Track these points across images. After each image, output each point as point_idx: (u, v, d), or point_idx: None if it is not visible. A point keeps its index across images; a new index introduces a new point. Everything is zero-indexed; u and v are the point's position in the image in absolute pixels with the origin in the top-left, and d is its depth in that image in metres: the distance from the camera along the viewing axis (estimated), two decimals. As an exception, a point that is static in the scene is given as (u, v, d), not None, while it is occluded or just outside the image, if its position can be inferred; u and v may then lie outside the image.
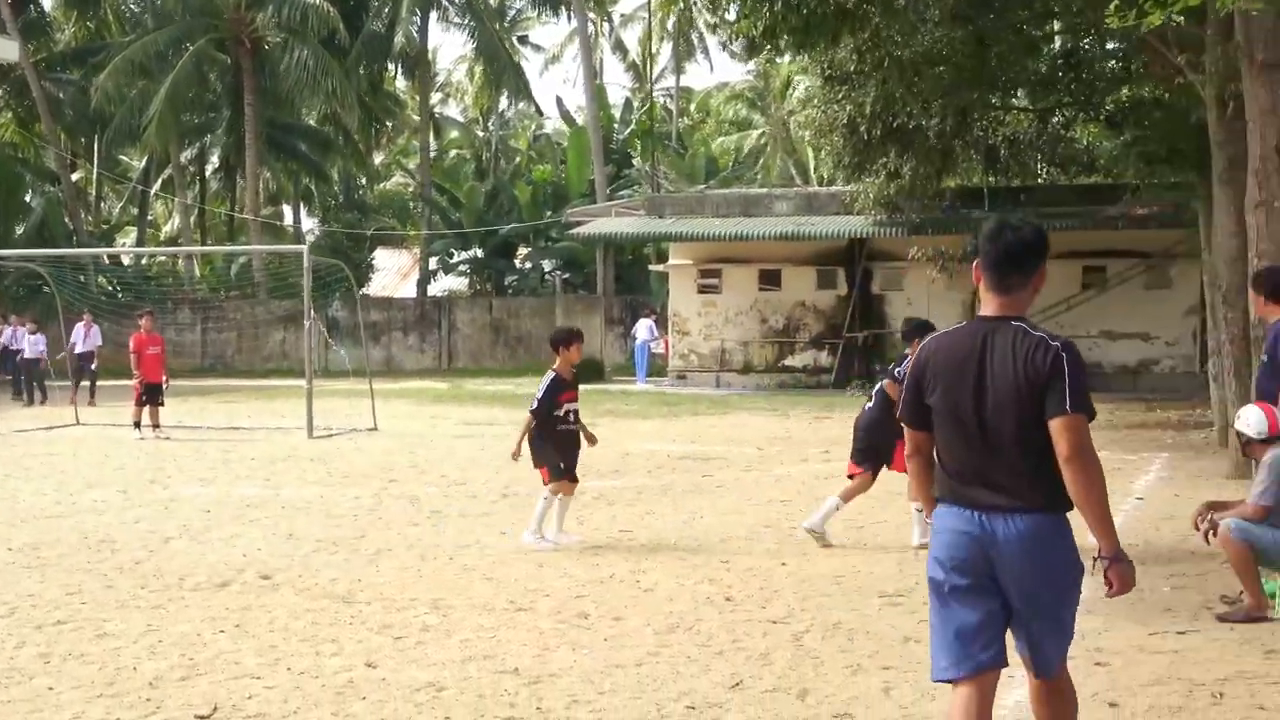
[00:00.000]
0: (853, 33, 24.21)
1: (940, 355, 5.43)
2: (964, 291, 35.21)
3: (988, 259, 5.39)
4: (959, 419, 5.31)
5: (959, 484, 5.33)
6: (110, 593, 10.30)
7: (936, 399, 5.39)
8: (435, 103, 75.00)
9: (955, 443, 5.35)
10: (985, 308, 5.46)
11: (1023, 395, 5.17)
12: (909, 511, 13.82)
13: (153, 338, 24.60)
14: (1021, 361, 5.20)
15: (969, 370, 5.30)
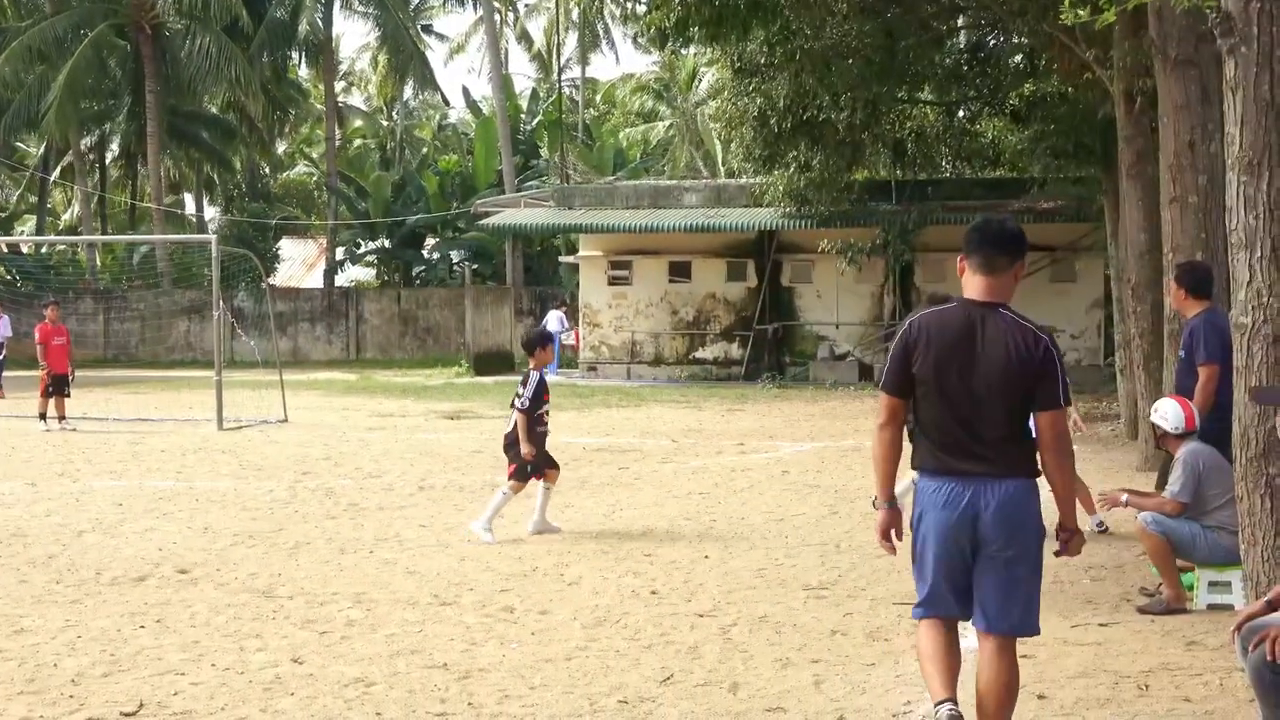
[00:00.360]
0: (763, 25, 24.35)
1: (932, 331, 5.83)
2: (872, 284, 35.51)
3: (974, 244, 5.88)
4: (947, 394, 5.76)
5: (946, 456, 5.80)
6: (25, 587, 10.13)
7: (926, 372, 5.78)
8: (339, 91, 74.35)
9: (944, 417, 5.78)
10: (971, 291, 5.88)
11: (1012, 379, 5.69)
12: (827, 504, 13.94)
13: (58, 329, 24.22)
14: (1014, 348, 5.68)
15: (961, 349, 5.75)
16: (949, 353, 5.76)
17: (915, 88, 30.23)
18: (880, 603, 9.43)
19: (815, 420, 24.42)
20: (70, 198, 70.53)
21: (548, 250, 53.47)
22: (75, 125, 55.43)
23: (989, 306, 5.81)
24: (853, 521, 12.96)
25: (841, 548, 11.61)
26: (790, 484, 15.76)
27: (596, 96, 79.98)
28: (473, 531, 12.20)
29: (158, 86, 52.25)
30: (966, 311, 5.83)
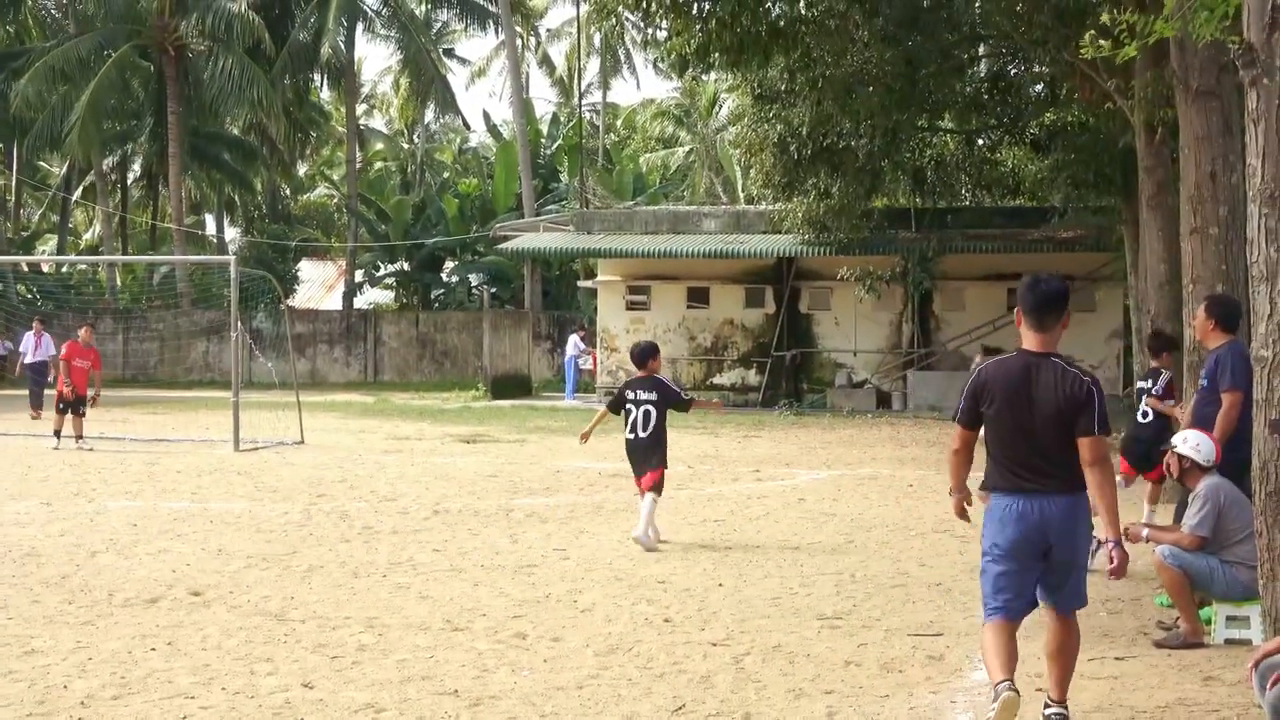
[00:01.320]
0: (784, 52, 24.33)
1: (998, 379, 7.09)
2: (891, 311, 35.46)
3: (1027, 305, 7.09)
4: (1012, 428, 7.03)
5: (1015, 476, 7.02)
6: (37, 608, 10.11)
7: (994, 411, 7.05)
8: (361, 114, 74.58)
9: (1011, 447, 7.05)
10: (1028, 343, 7.09)
11: (1062, 415, 6.92)
12: (843, 533, 13.88)
13: (86, 350, 24.24)
14: (1061, 391, 6.94)
15: (1021, 393, 7.00)
16: (1012, 395, 7.00)
17: (936, 116, 30.21)
18: (895, 634, 9.36)
19: (832, 448, 24.34)
20: (92, 217, 70.83)
21: (566, 275, 53.50)
22: (98, 145, 55.62)
23: (1043, 356, 7.02)
24: (868, 551, 12.89)
25: (857, 577, 11.53)
26: (806, 512, 15.69)
27: (617, 121, 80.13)
28: (640, 541, 12.88)
29: (180, 108, 52.46)
30: (1024, 361, 7.05)
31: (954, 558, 12.48)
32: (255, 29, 49.99)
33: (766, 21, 22.74)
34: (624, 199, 52.96)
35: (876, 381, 35.38)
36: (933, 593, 10.85)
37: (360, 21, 58.31)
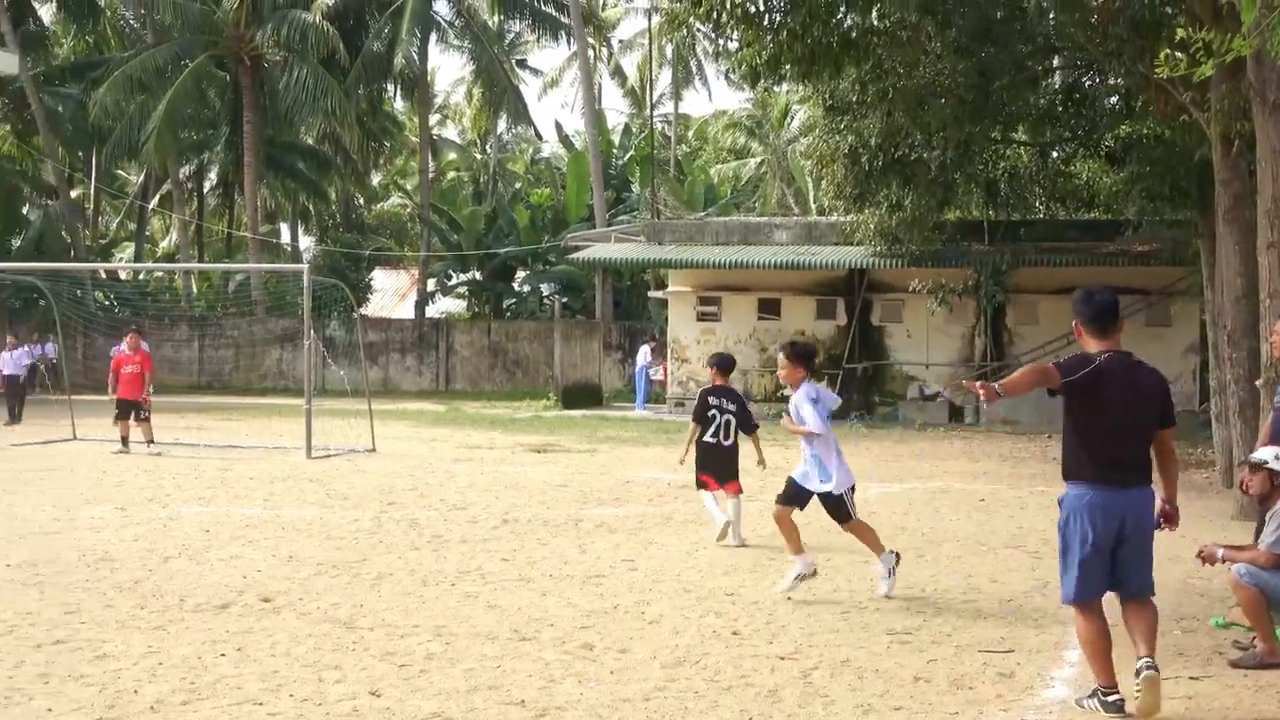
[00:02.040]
0: (856, 63, 24.23)
1: (1113, 371, 7.56)
2: (963, 324, 35.23)
3: (1086, 316, 7.78)
4: (1120, 422, 7.56)
5: (1109, 470, 7.56)
6: (110, 612, 10.21)
7: (1101, 403, 7.52)
8: (434, 124, 75.02)
9: (1116, 439, 7.57)
10: (1095, 348, 7.70)
11: (1150, 408, 7.67)
12: (914, 547, 13.79)
13: (130, 357, 24.47)
14: (1149, 385, 7.70)
15: (1125, 387, 7.60)
16: (1121, 390, 7.56)
17: (1009, 128, 29.97)
18: (965, 649, 9.28)
19: (904, 461, 24.20)
20: (168, 225, 71.57)
21: (637, 285, 53.54)
22: (174, 154, 56.24)
23: (1126, 354, 7.67)
24: (939, 565, 12.80)
25: (927, 592, 11.44)
26: (876, 525, 15.51)
27: (688, 132, 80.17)
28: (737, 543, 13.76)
29: (255, 117, 52.92)
30: (1122, 360, 7.62)
31: (1026, 573, 12.36)
32: (330, 39, 50.33)
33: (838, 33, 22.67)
34: (695, 210, 52.97)
35: (949, 395, 35.15)
36: (1004, 609, 10.75)
37: (433, 32, 58.61)
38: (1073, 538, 7.65)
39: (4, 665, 8.53)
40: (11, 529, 14.44)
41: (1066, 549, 7.71)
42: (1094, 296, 7.82)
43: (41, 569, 11.99)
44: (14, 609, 10.25)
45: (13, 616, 9.98)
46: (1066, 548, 7.70)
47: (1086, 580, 7.62)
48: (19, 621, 9.81)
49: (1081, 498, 7.62)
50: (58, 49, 61.35)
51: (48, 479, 19.57)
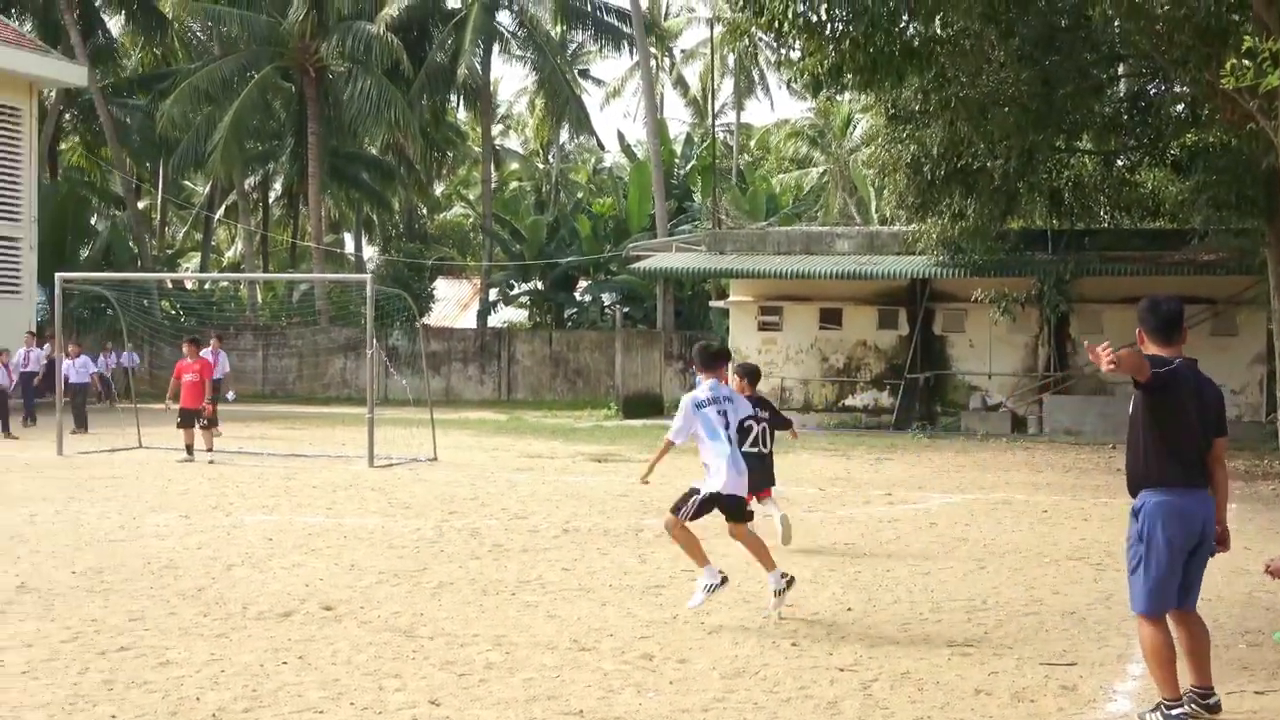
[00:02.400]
0: (918, 72, 24.18)
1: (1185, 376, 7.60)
2: (1026, 334, 35.01)
3: (1151, 325, 7.78)
4: (1191, 425, 7.61)
5: (1191, 473, 7.62)
6: (173, 619, 10.30)
7: (1178, 404, 7.55)
8: (496, 134, 75.32)
9: (1189, 442, 7.62)
10: (1162, 354, 7.67)
11: (1211, 415, 7.72)
12: (976, 559, 13.71)
13: (190, 365, 24.64)
14: (1212, 394, 7.79)
15: (1194, 393, 7.66)
16: (1191, 395, 7.62)
17: (1073, 136, 29.78)
18: (1027, 662, 9.21)
19: (966, 472, 24.07)
20: (234, 235, 72.23)
21: (698, 295, 53.49)
22: (240, 165, 56.75)
23: (1193, 362, 7.73)
24: (1001, 577, 12.71)
25: (988, 603, 11.37)
26: (938, 536, 15.52)
27: (750, 142, 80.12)
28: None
29: (320, 128, 53.30)
30: (1189, 365, 7.67)
31: (1089, 586, 12.27)
32: (394, 50, 50.65)
33: (900, 41, 22.62)
34: (757, 219, 52.91)
35: (1011, 405, 34.94)
36: (1066, 621, 10.66)
37: (496, 43, 58.85)
38: (1154, 545, 7.57)
39: (69, 671, 8.62)
40: (78, 536, 14.60)
41: (1145, 557, 7.61)
42: (1160, 305, 7.85)
43: (107, 576, 12.11)
44: (80, 615, 10.36)
45: (78, 623, 10.09)
46: (1145, 556, 7.61)
47: (1162, 589, 7.56)
48: (84, 628, 9.92)
49: (1165, 504, 7.58)
50: (126, 61, 62.04)
51: (114, 487, 19.77)
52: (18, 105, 42.36)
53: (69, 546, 13.81)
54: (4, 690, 8.14)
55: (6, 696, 8.00)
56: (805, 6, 21.98)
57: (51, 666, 8.76)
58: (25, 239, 42.52)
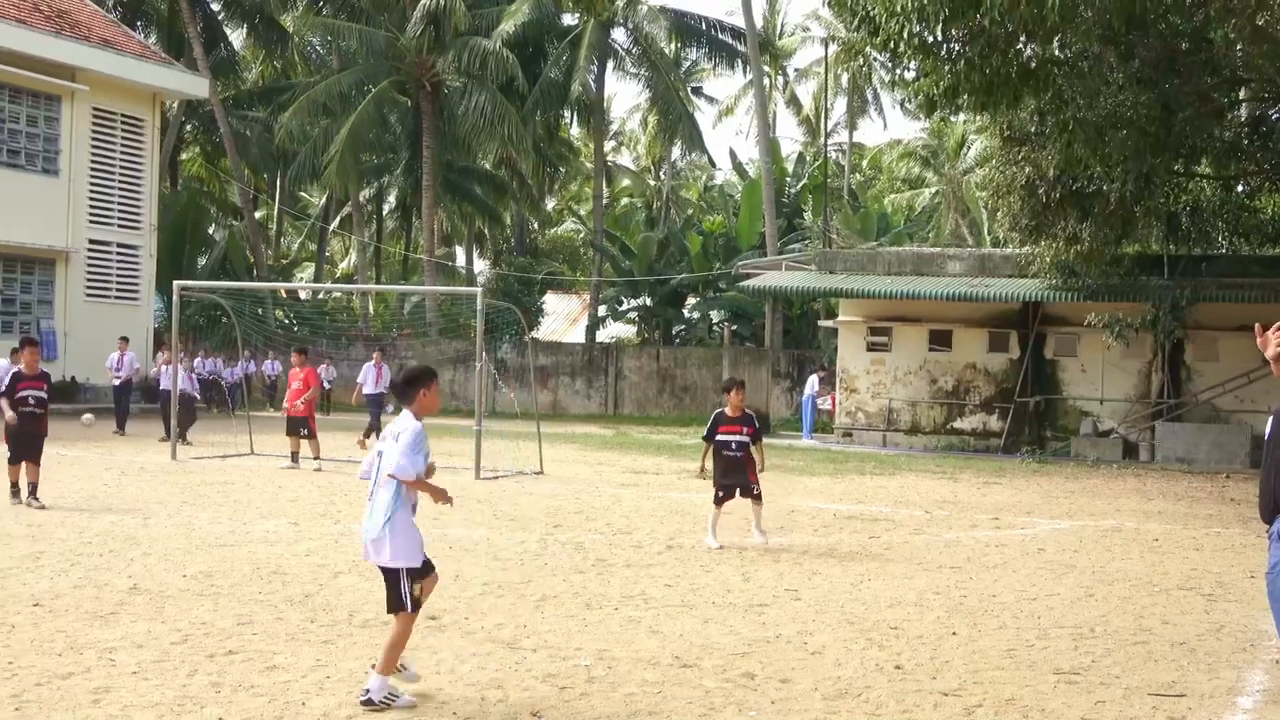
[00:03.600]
0: (1035, 94, 24.01)
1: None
2: (1140, 360, 34.58)
3: None
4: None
5: None
6: (280, 624, 10.42)
7: None
8: (609, 151, 75.64)
9: None
10: None
11: None
12: (1084, 586, 13.53)
13: (298, 374, 25.01)
14: None
15: None
16: None
17: (1192, 160, 29.44)
18: (1135, 692, 9.07)
19: (1075, 498, 23.77)
20: (348, 247, 73.15)
21: (807, 313, 53.40)
22: (355, 177, 57.48)
23: None
24: (1109, 605, 12.53)
25: (1096, 632, 11.21)
26: (1045, 562, 15.34)
27: (863, 161, 79.84)
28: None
29: (434, 142, 53.85)
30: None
31: (1199, 616, 12.07)
32: (509, 66, 51.08)
33: (1017, 63, 22.47)
34: (868, 239, 52.70)
35: (1123, 431, 34.49)
36: (1176, 651, 10.49)
37: (611, 60, 59.17)
38: None
39: (179, 674, 8.74)
40: (190, 540, 14.82)
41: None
42: None
43: (217, 580, 12.28)
44: (189, 619, 10.51)
45: (188, 626, 10.23)
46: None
47: None
48: (194, 631, 10.06)
49: None
50: (246, 74, 63.10)
51: (225, 492, 20.05)
52: (141, 116, 43.23)
53: (180, 550, 14.02)
54: (115, 690, 8.27)
55: (117, 696, 8.13)
56: (921, 27, 21.91)
57: (161, 667, 8.89)
58: (145, 247, 43.37)
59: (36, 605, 10.83)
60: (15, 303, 40.13)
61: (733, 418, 15.60)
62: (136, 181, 43.18)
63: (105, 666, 8.86)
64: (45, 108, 40.58)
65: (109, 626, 10.14)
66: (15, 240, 39.29)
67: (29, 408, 17.56)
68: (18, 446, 17.57)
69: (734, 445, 15.55)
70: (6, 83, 39.17)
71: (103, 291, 42.12)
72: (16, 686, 8.25)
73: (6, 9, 39.25)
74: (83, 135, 41.34)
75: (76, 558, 13.30)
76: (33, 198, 39.97)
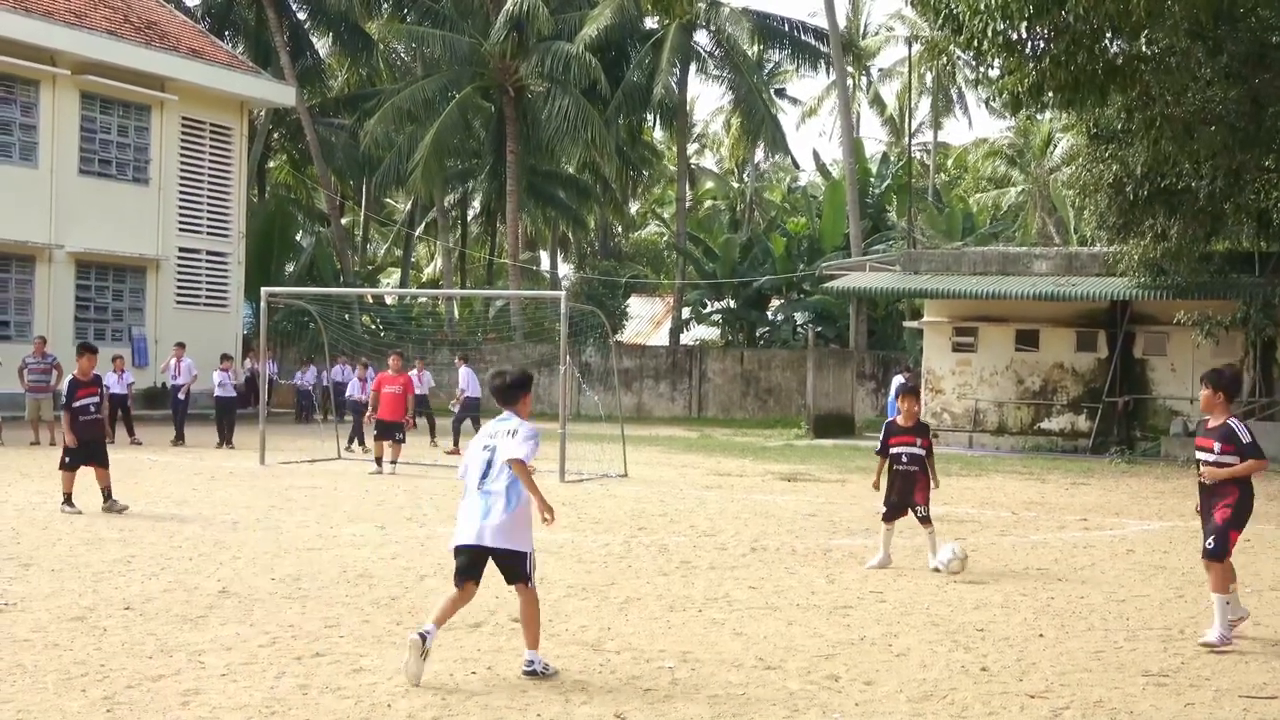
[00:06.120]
0: (1122, 90, 23.78)
1: None
2: (1230, 358, 34.08)
3: None
4: None
5: None
6: (367, 627, 10.50)
7: None
8: (692, 153, 75.63)
9: None
10: None
11: None
12: (1174, 587, 13.38)
13: (395, 378, 25.24)
14: None
15: None
16: None
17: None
18: (1225, 695, 8.96)
19: (1165, 498, 23.51)
20: (433, 252, 73.60)
21: (892, 314, 53.12)
22: (440, 183, 57.83)
23: None
24: (1199, 607, 12.36)
25: (1186, 634, 11.07)
26: (1135, 564, 15.17)
27: (947, 161, 79.35)
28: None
29: (518, 146, 54.07)
30: None
31: (1292, 618, 11.90)
32: (591, 70, 51.19)
33: (1104, 59, 22.27)
34: (953, 239, 52.39)
35: None
36: (1268, 653, 10.35)
37: (693, 62, 59.13)
38: None
39: (266, 676, 8.84)
40: (278, 544, 14.97)
41: None
42: None
43: (304, 583, 12.39)
44: (277, 621, 10.62)
45: (275, 629, 10.33)
46: None
47: None
48: (281, 633, 10.16)
49: None
50: (332, 82, 63.65)
51: (312, 497, 20.24)
52: (229, 125, 43.76)
53: (268, 554, 14.17)
54: (204, 691, 8.38)
55: (206, 698, 8.23)
56: (1005, 24, 21.77)
57: (249, 670, 8.99)
58: (234, 254, 43.89)
59: (128, 609, 10.98)
60: (108, 310, 40.73)
61: (905, 427, 14.61)
62: (225, 189, 43.71)
63: (194, 669, 8.97)
64: (136, 118, 41.16)
65: (198, 629, 10.26)
66: (107, 249, 39.89)
67: (90, 415, 17.82)
68: (82, 453, 17.72)
69: (905, 458, 14.52)
70: (98, 93, 39.78)
71: (193, 298, 42.67)
72: (108, 689, 8.37)
73: (97, 20, 39.87)
74: (172, 144, 41.90)
75: (166, 561, 13.48)
76: (124, 207, 40.56)
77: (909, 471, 14.48)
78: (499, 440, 9.48)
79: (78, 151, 39.59)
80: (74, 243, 39.15)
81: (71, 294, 39.59)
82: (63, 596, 11.42)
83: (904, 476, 14.49)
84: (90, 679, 8.60)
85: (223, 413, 30.75)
